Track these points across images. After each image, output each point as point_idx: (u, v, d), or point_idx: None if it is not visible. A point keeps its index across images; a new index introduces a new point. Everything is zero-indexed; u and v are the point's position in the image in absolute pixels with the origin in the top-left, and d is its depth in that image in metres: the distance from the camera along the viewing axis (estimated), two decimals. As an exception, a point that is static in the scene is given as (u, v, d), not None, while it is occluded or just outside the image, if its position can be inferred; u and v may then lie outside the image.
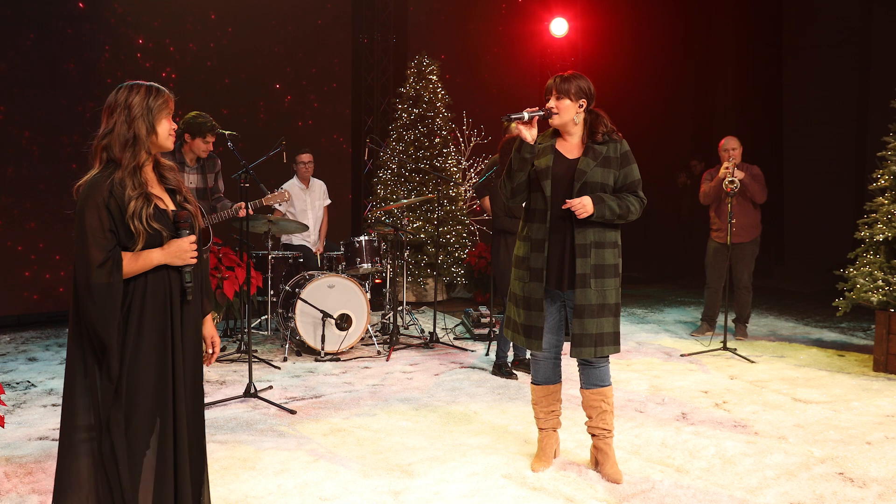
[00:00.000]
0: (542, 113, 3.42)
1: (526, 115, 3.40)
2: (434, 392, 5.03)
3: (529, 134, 3.41)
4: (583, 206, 3.36)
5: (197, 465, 2.56)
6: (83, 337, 2.39)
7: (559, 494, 3.39)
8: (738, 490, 3.43)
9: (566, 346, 3.61)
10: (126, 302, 2.38)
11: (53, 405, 4.65)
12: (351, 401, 4.82)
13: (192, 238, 2.48)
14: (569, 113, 3.47)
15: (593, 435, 3.67)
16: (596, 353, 3.48)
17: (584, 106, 3.50)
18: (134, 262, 2.38)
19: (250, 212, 5.02)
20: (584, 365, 3.61)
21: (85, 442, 2.41)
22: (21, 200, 7.20)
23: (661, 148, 10.84)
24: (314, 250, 7.20)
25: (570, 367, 3.95)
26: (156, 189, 2.51)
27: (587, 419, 3.68)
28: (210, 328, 2.72)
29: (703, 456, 3.85)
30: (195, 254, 2.48)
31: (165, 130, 2.49)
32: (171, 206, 2.53)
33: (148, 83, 2.51)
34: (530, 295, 3.52)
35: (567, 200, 3.39)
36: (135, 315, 2.39)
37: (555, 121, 3.48)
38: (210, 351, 2.73)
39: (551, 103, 3.47)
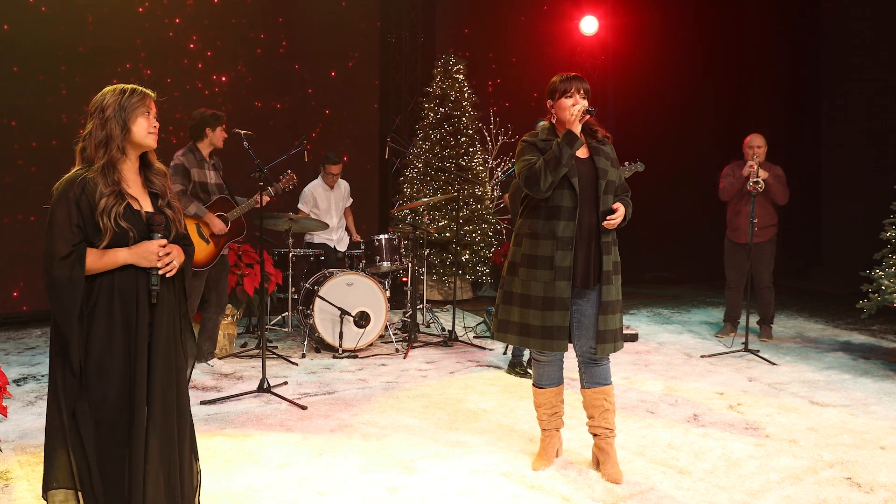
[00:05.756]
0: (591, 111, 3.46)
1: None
2: (446, 390, 5.05)
3: (578, 130, 3.43)
4: (622, 214, 3.45)
5: (179, 463, 2.55)
6: (54, 332, 2.45)
7: (556, 493, 3.38)
8: (739, 493, 3.38)
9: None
10: (93, 298, 2.42)
11: (75, 397, 4.79)
12: (363, 397, 4.87)
13: (163, 242, 2.50)
14: None
15: (595, 435, 3.65)
16: (616, 348, 3.54)
17: None
18: (99, 259, 2.41)
19: (274, 197, 5.32)
20: (589, 364, 3.60)
21: (64, 436, 2.43)
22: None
23: (695, 146, 10.65)
24: (353, 238, 7.36)
25: (571, 366, 3.92)
26: (134, 190, 2.54)
27: (589, 419, 3.66)
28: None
29: (708, 458, 3.80)
30: (165, 258, 2.49)
31: (142, 128, 2.52)
32: (148, 209, 2.55)
33: (125, 85, 2.56)
34: (556, 294, 3.45)
35: (608, 217, 3.43)
36: (102, 311, 2.42)
37: (584, 120, 3.45)
38: None
39: (585, 102, 3.45)
